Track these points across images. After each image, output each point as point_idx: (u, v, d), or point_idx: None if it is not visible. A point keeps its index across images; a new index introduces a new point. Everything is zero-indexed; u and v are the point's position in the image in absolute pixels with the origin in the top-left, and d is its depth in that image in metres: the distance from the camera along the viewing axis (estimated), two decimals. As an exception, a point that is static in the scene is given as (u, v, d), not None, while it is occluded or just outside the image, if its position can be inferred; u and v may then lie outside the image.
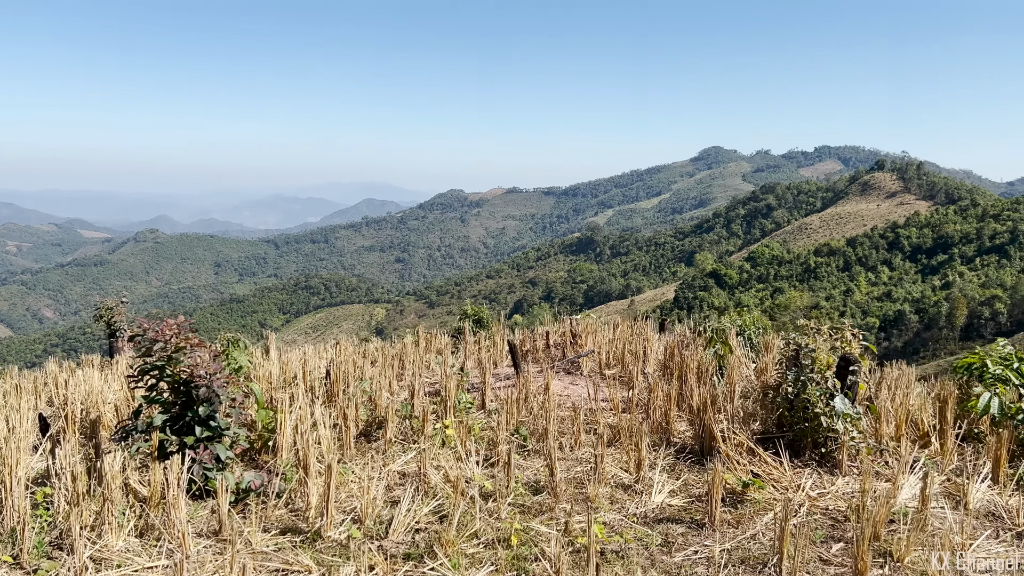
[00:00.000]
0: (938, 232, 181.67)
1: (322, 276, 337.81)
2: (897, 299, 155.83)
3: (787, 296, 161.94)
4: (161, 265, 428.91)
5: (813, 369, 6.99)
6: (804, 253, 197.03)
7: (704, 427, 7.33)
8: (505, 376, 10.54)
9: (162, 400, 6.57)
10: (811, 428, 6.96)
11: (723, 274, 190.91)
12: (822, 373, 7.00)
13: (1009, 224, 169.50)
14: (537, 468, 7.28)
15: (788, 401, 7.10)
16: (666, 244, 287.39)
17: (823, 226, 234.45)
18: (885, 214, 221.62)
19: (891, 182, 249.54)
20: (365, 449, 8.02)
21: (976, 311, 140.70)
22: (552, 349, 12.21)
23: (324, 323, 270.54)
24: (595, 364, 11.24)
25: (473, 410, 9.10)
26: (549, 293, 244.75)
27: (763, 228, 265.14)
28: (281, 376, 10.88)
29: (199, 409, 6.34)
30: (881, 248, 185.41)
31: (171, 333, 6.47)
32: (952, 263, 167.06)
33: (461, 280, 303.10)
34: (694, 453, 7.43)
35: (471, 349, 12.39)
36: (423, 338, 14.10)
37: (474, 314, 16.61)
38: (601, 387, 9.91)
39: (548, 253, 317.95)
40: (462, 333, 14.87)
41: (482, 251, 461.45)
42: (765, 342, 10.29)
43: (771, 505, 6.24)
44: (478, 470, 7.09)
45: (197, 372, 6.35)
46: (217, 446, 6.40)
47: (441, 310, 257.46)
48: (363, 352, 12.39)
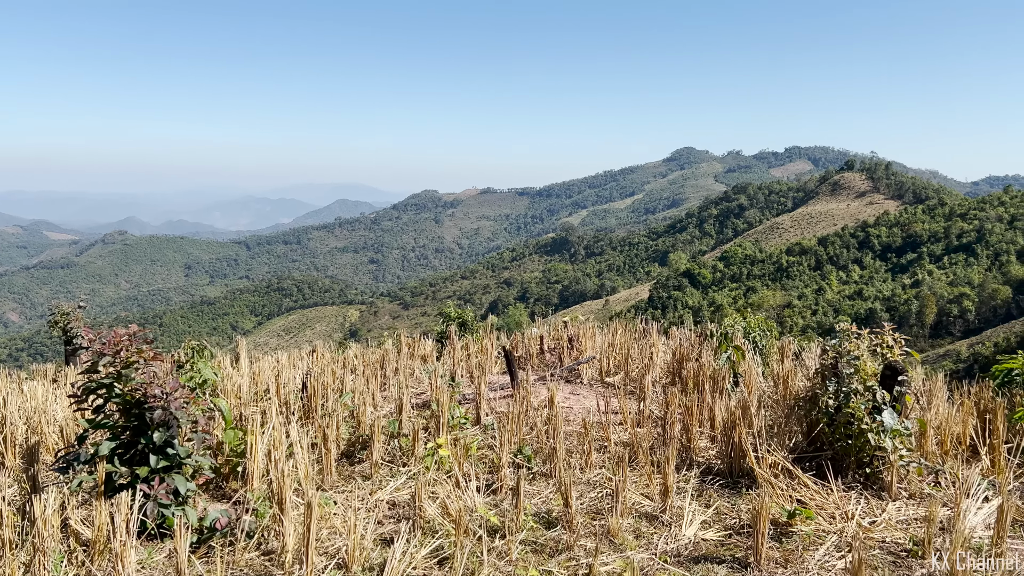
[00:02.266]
0: (907, 231, 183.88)
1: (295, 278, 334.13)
2: (868, 297, 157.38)
3: (760, 295, 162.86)
4: (130, 267, 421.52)
5: (856, 379, 6.19)
6: (776, 252, 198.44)
7: (732, 445, 6.51)
8: (500, 386, 9.65)
9: (111, 424, 5.60)
10: (855, 446, 6.17)
11: (697, 274, 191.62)
12: (866, 383, 6.21)
13: (975, 223, 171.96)
14: (546, 495, 6.40)
15: (828, 415, 6.30)
16: (640, 244, 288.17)
17: (794, 225, 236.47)
18: (855, 213, 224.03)
19: (860, 182, 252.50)
20: (348, 474, 7.09)
21: (945, 309, 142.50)
22: (547, 354, 11.35)
23: (297, 325, 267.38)
24: (595, 371, 10.40)
25: (468, 425, 8.20)
26: (524, 293, 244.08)
27: (735, 228, 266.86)
28: (252, 389, 9.89)
29: (154, 435, 5.38)
30: (852, 247, 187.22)
31: (121, 345, 5.50)
32: (921, 262, 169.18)
33: (436, 281, 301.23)
34: (721, 475, 6.60)
35: (459, 355, 11.48)
36: (405, 343, 13.17)
37: (457, 317, 15.67)
38: (606, 397, 9.07)
39: (523, 253, 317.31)
40: (447, 337, 13.96)
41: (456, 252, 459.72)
42: (780, 347, 9.50)
43: (821, 538, 5.43)
44: (479, 499, 6.21)
45: (151, 391, 5.39)
46: (176, 477, 5.44)
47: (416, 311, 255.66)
48: (342, 360, 11.42)
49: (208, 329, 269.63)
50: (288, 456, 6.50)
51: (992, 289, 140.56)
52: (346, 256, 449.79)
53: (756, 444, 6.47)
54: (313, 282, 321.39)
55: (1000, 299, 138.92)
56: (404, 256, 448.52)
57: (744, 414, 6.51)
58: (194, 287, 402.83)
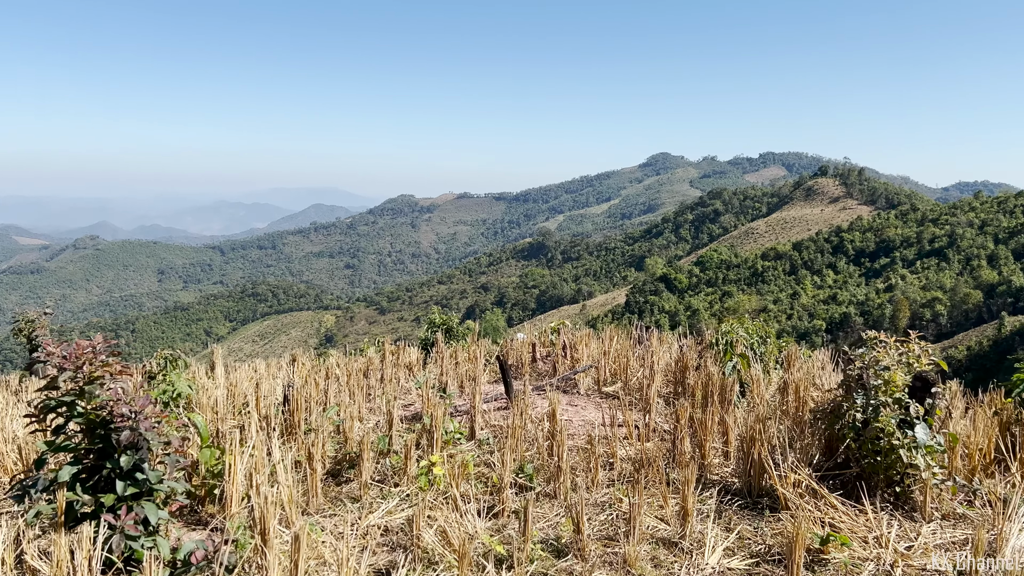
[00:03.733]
0: (880, 236, 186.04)
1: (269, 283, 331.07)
2: (842, 302, 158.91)
3: (736, 300, 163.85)
4: (102, 272, 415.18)
5: (885, 391, 5.78)
6: (752, 257, 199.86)
7: (751, 462, 6.06)
8: (493, 397, 9.15)
9: (72, 447, 5.01)
10: (884, 463, 5.75)
11: (673, 278, 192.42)
12: (894, 396, 5.80)
13: (947, 228, 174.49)
14: (553, 519, 5.90)
15: (854, 429, 5.87)
16: (616, 249, 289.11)
17: (769, 231, 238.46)
18: (829, 218, 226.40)
19: (834, 187, 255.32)
20: (335, 495, 6.54)
21: (918, 313, 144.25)
22: (539, 363, 10.86)
23: (272, 331, 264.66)
24: (591, 380, 9.92)
25: (462, 441, 7.68)
26: (501, 298, 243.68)
27: (711, 233, 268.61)
28: (229, 401, 9.30)
29: (121, 459, 4.81)
30: (826, 252, 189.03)
31: (84, 358, 4.93)
32: (894, 266, 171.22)
33: (413, 286, 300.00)
34: (739, 495, 6.14)
35: (447, 364, 10.95)
36: (389, 350, 12.61)
37: (443, 323, 15.11)
38: (606, 408, 8.60)
39: (500, 258, 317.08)
40: (433, 345, 13.42)
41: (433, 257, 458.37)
42: (788, 355, 9.09)
43: (858, 567, 4.99)
44: (481, 524, 5.70)
45: (118, 410, 4.82)
46: (146, 505, 4.87)
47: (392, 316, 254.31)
48: (324, 369, 10.85)
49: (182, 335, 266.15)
50: (271, 480, 5.95)
51: (964, 293, 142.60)
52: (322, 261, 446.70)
53: (777, 461, 6.03)
54: (288, 287, 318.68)
55: (971, 303, 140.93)
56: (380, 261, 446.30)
57: (763, 428, 6.06)
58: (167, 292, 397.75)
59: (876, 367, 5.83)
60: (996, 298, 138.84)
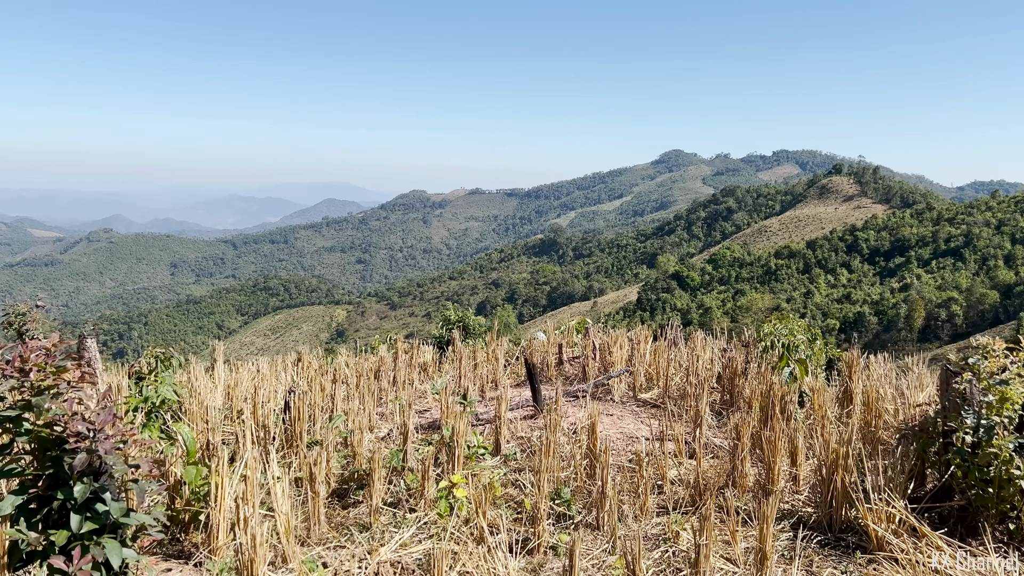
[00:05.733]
0: (895, 235, 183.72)
1: (281, 277, 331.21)
2: (857, 301, 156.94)
3: (749, 298, 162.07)
4: (115, 265, 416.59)
5: (999, 409, 4.81)
6: (764, 255, 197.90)
7: (834, 491, 5.11)
8: (517, 403, 8.22)
9: (18, 472, 4.11)
10: (996, 495, 4.78)
11: (685, 276, 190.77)
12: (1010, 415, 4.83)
13: (963, 228, 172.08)
14: (598, 556, 4.96)
15: (961, 455, 4.90)
16: (628, 246, 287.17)
17: (782, 229, 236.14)
18: (843, 217, 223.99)
19: (848, 186, 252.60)
20: (341, 521, 5.62)
21: (933, 313, 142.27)
22: (566, 365, 9.92)
23: (283, 325, 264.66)
24: (625, 386, 8.96)
25: (486, 456, 6.75)
26: (512, 294, 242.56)
27: (723, 231, 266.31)
28: (228, 405, 8.42)
29: (76, 487, 3.91)
30: (840, 251, 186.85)
31: (32, 363, 4.02)
32: (909, 266, 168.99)
33: (423, 281, 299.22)
34: (818, 529, 5.18)
35: (466, 365, 10.01)
36: (402, 349, 11.69)
37: (459, 320, 14.15)
38: (646, 419, 7.64)
39: (511, 254, 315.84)
40: (448, 343, 12.49)
41: (444, 252, 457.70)
42: (848, 360, 8.07)
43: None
44: (513, 563, 4.76)
45: (73, 427, 3.92)
46: (107, 544, 3.97)
47: (403, 312, 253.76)
48: (332, 371, 9.94)
49: (194, 328, 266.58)
50: (265, 503, 5.04)
51: (980, 293, 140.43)
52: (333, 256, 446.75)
53: (866, 489, 5.07)
54: (300, 282, 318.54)
55: (988, 303, 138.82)
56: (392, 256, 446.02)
57: (848, 451, 5.10)
58: (180, 286, 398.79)
59: (989, 380, 4.86)
60: (1013, 299, 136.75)
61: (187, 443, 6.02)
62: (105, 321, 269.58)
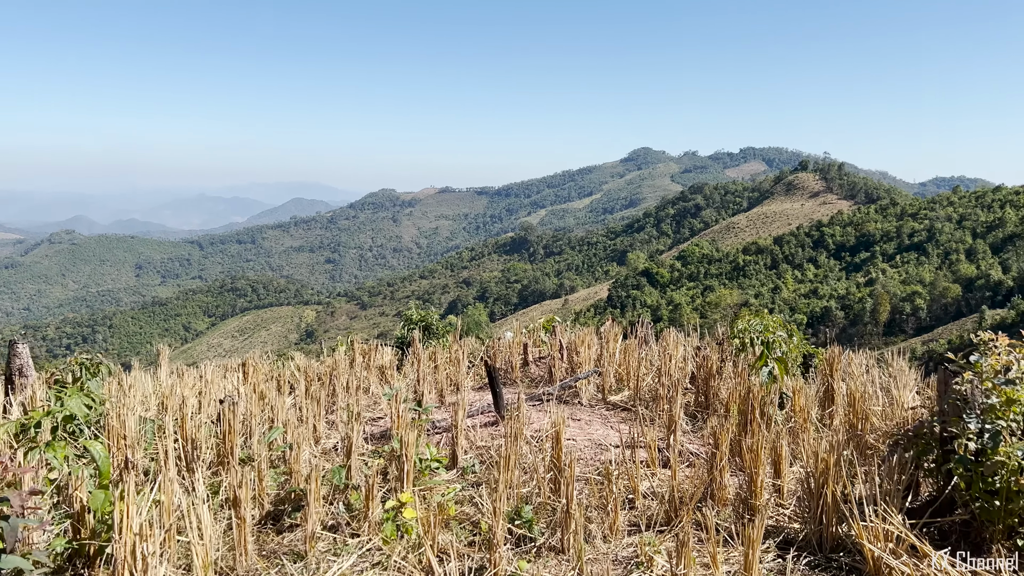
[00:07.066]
0: (860, 230, 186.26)
1: (249, 278, 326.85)
2: (823, 296, 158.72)
3: (717, 294, 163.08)
4: (78, 267, 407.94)
5: (1006, 413, 4.32)
6: (733, 251, 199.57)
7: (823, 505, 4.58)
8: (478, 408, 7.62)
9: None
10: (1003, 509, 4.29)
11: (655, 273, 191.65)
12: (1016, 419, 4.34)
13: (926, 223, 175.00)
14: (563, 586, 4.39)
15: (963, 464, 4.41)
16: (598, 244, 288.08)
17: (750, 225, 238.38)
18: (809, 213, 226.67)
19: (814, 182, 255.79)
20: (274, 548, 4.98)
21: (898, 307, 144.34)
22: (532, 366, 9.35)
23: (251, 326, 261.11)
24: (594, 388, 8.41)
25: (441, 470, 6.14)
26: (484, 293, 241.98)
27: (692, 227, 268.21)
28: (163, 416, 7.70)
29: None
30: (806, 246, 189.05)
31: None
32: (874, 260, 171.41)
33: (394, 281, 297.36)
34: (807, 548, 4.65)
35: (424, 368, 9.38)
36: (359, 351, 11.02)
37: (421, 320, 13.52)
38: (616, 424, 7.09)
39: (482, 253, 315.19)
40: (409, 344, 11.85)
41: (415, 251, 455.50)
42: (828, 357, 7.58)
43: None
44: (467, 596, 4.17)
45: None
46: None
47: (374, 311, 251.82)
48: (280, 377, 9.24)
49: (160, 330, 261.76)
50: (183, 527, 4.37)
51: (943, 287, 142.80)
52: (302, 256, 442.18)
53: (859, 499, 4.55)
54: (268, 282, 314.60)
55: (950, 297, 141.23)
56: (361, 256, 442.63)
57: (838, 460, 4.58)
58: (145, 287, 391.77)
59: (994, 380, 4.36)
60: (975, 292, 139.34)
61: (100, 464, 5.35)
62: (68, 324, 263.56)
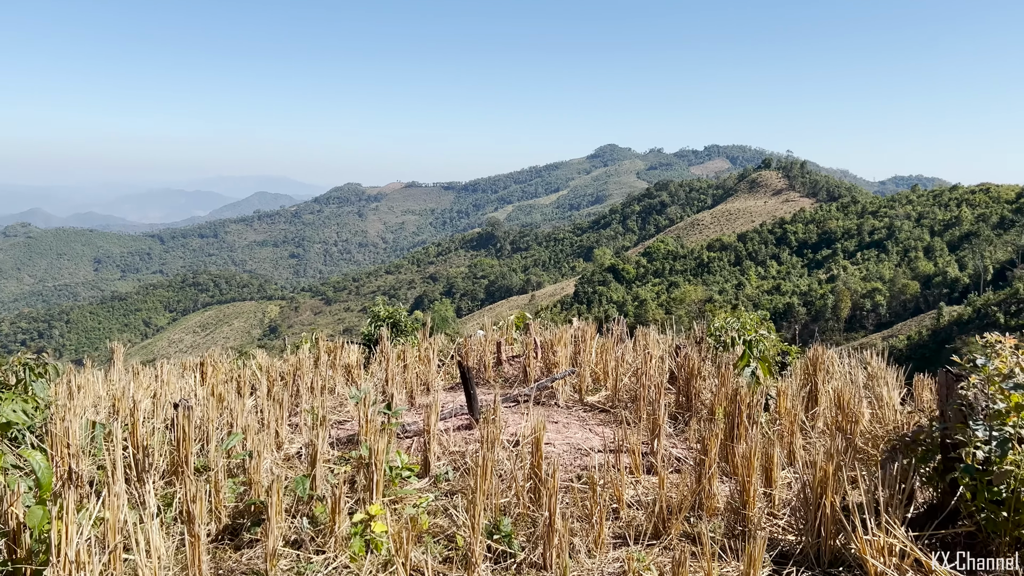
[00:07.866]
0: (822, 228, 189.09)
1: (211, 272, 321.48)
2: (786, 292, 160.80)
3: (682, 290, 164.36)
4: (34, 261, 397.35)
5: (1015, 420, 4.09)
6: (697, 248, 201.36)
7: (822, 516, 4.32)
8: (451, 411, 7.26)
9: None
10: (1011, 519, 4.07)
11: (621, 269, 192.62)
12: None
13: (886, 220, 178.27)
14: (547, 607, 4.06)
15: (969, 472, 4.17)
16: (565, 240, 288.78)
17: (714, 222, 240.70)
18: (772, 210, 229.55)
19: (777, 180, 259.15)
20: (231, 568, 4.58)
21: (859, 303, 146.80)
22: (506, 365, 9.02)
23: (213, 321, 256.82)
24: (570, 388, 8.10)
25: (412, 479, 5.77)
26: (450, 288, 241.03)
27: (658, 224, 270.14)
28: (114, 420, 7.22)
29: None
30: (770, 243, 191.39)
31: None
32: (836, 257, 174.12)
33: (359, 276, 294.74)
34: (805, 563, 4.38)
35: (393, 367, 8.99)
36: (324, 348, 10.58)
37: (389, 316, 13.10)
38: (595, 426, 6.78)
39: (449, 248, 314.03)
40: (376, 342, 11.44)
41: (381, 246, 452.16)
42: (812, 357, 7.36)
43: None
44: (442, 621, 3.82)
45: None
46: None
47: (339, 307, 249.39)
48: (240, 378, 8.77)
49: (119, 326, 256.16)
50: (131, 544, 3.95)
51: (902, 284, 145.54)
52: (265, 250, 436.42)
53: (863, 516, 4.29)
54: (231, 277, 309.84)
55: (909, 294, 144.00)
56: (326, 250, 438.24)
57: (839, 466, 4.32)
58: (104, 282, 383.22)
59: (1001, 384, 4.13)
60: (932, 288, 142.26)
61: (41, 475, 4.89)
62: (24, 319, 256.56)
